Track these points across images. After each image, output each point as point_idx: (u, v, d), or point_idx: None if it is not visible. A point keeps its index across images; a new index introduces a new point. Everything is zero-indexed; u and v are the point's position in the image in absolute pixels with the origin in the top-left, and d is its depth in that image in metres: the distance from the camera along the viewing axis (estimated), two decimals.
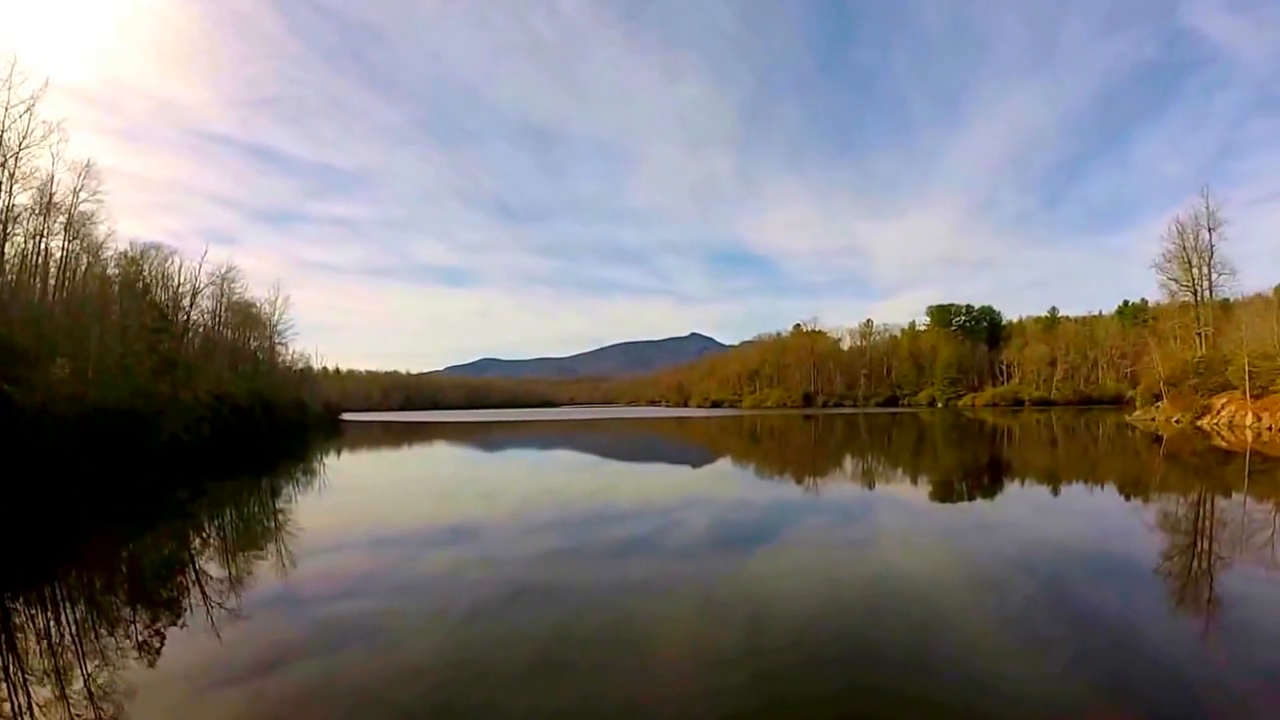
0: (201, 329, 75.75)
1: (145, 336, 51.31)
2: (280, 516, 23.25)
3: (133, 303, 53.16)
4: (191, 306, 71.69)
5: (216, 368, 71.93)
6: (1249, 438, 50.00)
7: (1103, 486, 28.25)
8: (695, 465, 42.93)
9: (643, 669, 8.77)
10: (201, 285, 73.29)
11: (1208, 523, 19.74)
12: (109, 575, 15.86)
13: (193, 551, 18.18)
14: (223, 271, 78.61)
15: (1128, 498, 25.21)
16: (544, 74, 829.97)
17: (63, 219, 47.33)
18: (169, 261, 67.65)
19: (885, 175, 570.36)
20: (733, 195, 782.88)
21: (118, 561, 17.26)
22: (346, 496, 28.68)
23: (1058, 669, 8.44)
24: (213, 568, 15.85)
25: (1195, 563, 14.83)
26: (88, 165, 48.02)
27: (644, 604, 11.58)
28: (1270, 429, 55.27)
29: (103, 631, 11.04)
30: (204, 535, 21.02)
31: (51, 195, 45.78)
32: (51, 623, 11.64)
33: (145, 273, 60.46)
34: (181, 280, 69.74)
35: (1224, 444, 46.02)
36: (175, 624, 11.17)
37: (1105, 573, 13.73)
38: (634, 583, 12.98)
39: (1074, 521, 20.13)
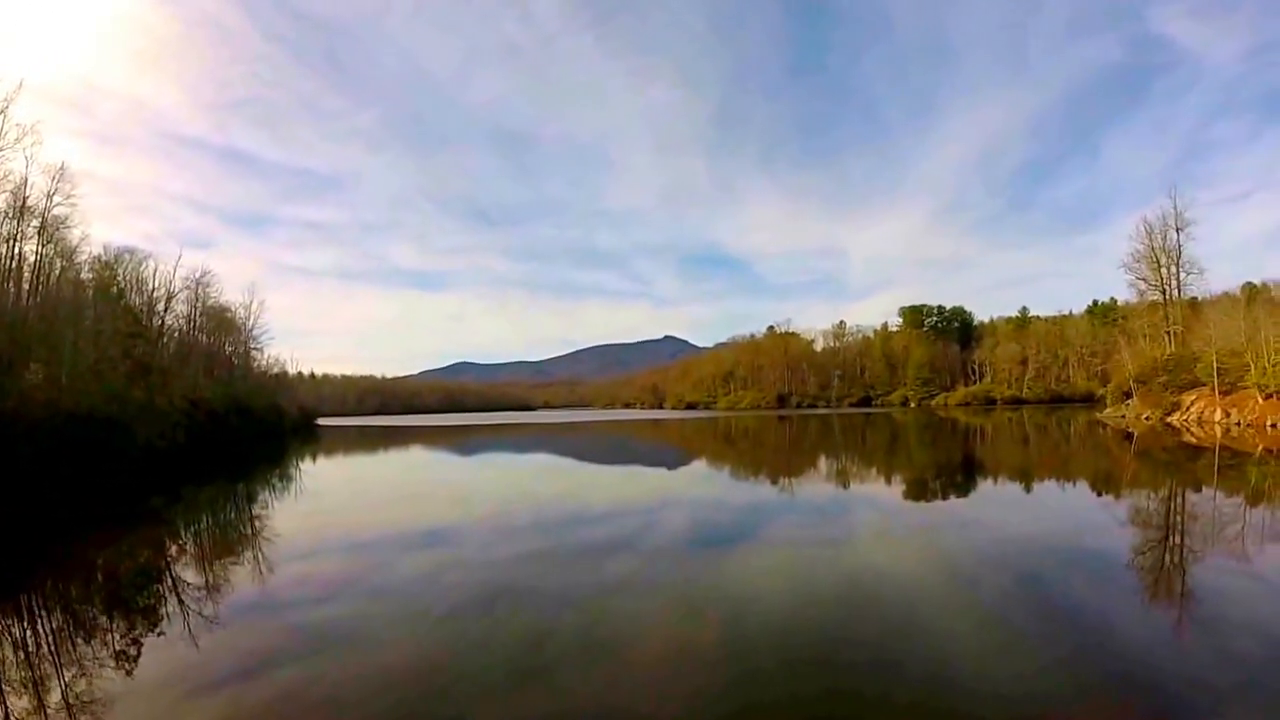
0: (176, 334, 74.91)
1: (119, 342, 50.83)
2: (257, 522, 23.22)
3: (107, 308, 52.56)
4: (166, 311, 70.90)
5: (192, 373, 71.23)
6: (1218, 433, 50.90)
7: (1076, 483, 28.60)
8: (671, 467, 42.99)
9: (621, 672, 8.83)
10: (176, 290, 72.54)
11: (1179, 517, 20.10)
12: (86, 582, 15.79)
13: (169, 558, 18.13)
14: (197, 276, 78.06)
15: (1100, 494, 25.53)
16: (517, 77, 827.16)
17: (36, 223, 46.53)
18: (143, 266, 66.89)
19: (858, 177, 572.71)
20: (707, 198, 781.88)
21: (94, 568, 17.16)
22: (323, 501, 28.65)
23: (1036, 666, 8.59)
24: (189, 574, 15.85)
25: (1168, 557, 15.06)
26: (62, 168, 47.37)
27: (621, 606, 11.68)
28: (1239, 424, 56.26)
29: (80, 639, 11.05)
30: (180, 541, 20.94)
31: (25, 199, 45.10)
32: (28, 631, 11.62)
33: (119, 277, 59.81)
34: (156, 285, 68.95)
35: (1194, 440, 46.80)
36: (152, 632, 11.19)
37: (1081, 569, 13.93)
38: (611, 584, 13.10)
39: (1048, 518, 20.39)
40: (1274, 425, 53.03)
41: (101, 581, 16.06)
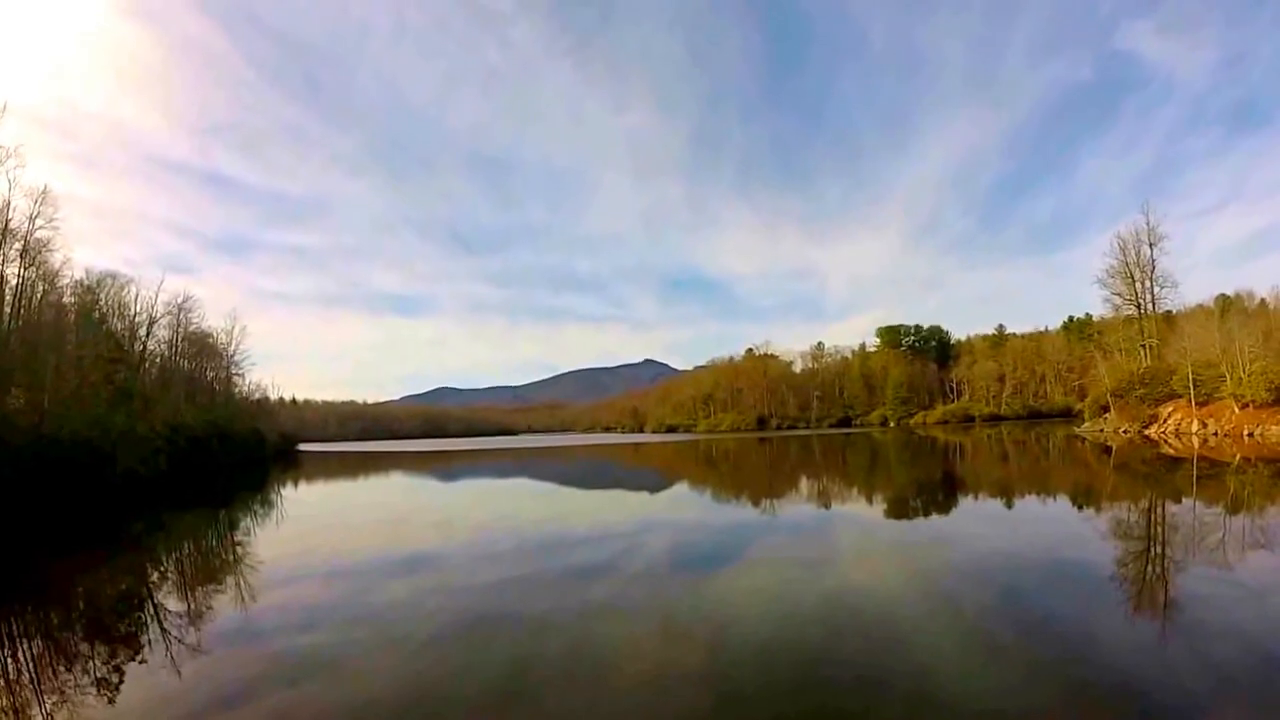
0: (158, 359, 74.95)
1: (101, 367, 50.74)
2: (238, 549, 23.12)
3: (89, 332, 52.59)
4: (148, 336, 71.11)
5: (173, 399, 70.96)
6: (1195, 444, 51.53)
7: (1056, 497, 28.83)
8: (652, 490, 42.53)
9: (604, 695, 8.82)
10: (158, 315, 72.81)
11: (1160, 528, 20.28)
12: (67, 608, 15.75)
13: (151, 585, 18.05)
14: (179, 301, 78.25)
15: (1081, 507, 25.70)
16: (497, 103, 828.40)
17: (18, 246, 46.67)
18: (125, 290, 67.14)
19: (834, 198, 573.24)
20: (684, 221, 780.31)
21: (76, 594, 17.11)
22: (304, 527, 28.45)
23: (1020, 679, 8.69)
24: (171, 602, 15.78)
25: (1150, 568, 15.23)
26: (44, 191, 47.64)
27: (604, 629, 11.68)
28: (1216, 434, 57.04)
29: (61, 666, 11.00)
30: (162, 568, 20.83)
31: (8, 221, 45.23)
32: (7, 657, 11.57)
33: (101, 302, 59.91)
34: (138, 310, 69.22)
35: (1172, 451, 47.38)
36: (134, 659, 11.14)
37: (1062, 582, 14.04)
38: (593, 608, 13.07)
39: (1029, 533, 20.50)
40: (1250, 434, 53.83)
41: (83, 608, 16.02)
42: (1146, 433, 65.11)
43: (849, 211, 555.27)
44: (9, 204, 44.99)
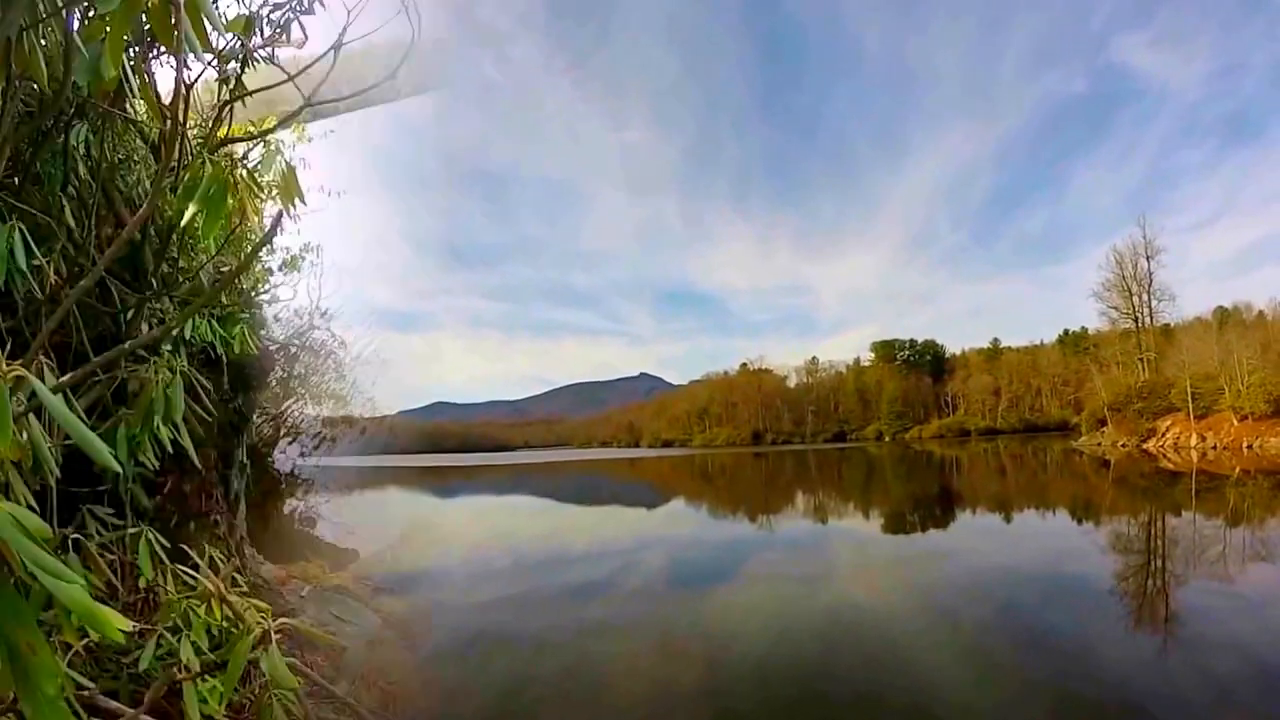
0: None
1: None
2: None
3: None
4: None
5: None
6: (1195, 458, 51.48)
7: (1054, 512, 28.79)
8: (649, 506, 42.23)
9: (602, 712, 8.77)
10: None
11: (1159, 542, 20.25)
12: None
13: None
14: None
15: (1079, 522, 25.64)
16: (495, 118, 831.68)
17: None
18: None
19: (827, 213, 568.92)
20: (679, 237, 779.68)
21: None
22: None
23: (1018, 695, 8.63)
24: None
25: (1150, 581, 15.17)
26: None
27: (601, 646, 11.57)
28: (1215, 448, 57.00)
29: None
30: None
31: None
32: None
33: None
34: None
35: (1171, 465, 47.39)
36: None
37: (1062, 596, 13.99)
38: (591, 625, 12.95)
39: (1028, 547, 20.46)
40: (1250, 447, 53.84)
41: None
42: (1145, 446, 65.10)
43: (843, 225, 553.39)
44: None
